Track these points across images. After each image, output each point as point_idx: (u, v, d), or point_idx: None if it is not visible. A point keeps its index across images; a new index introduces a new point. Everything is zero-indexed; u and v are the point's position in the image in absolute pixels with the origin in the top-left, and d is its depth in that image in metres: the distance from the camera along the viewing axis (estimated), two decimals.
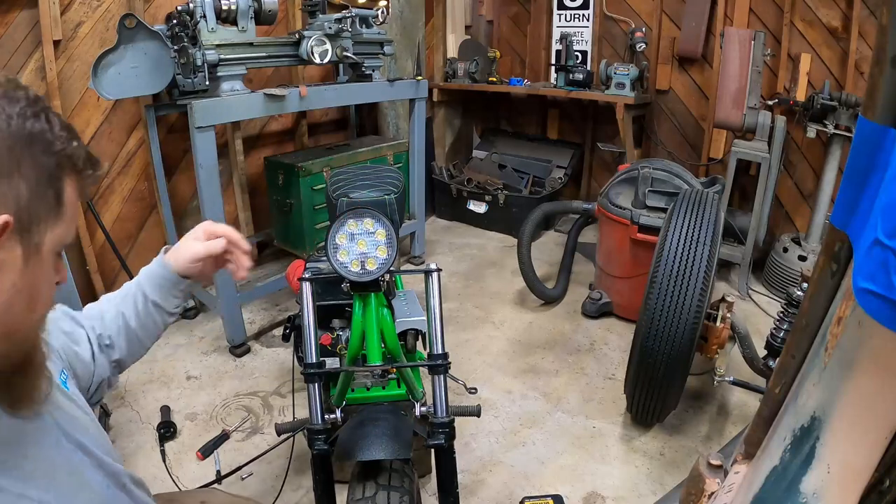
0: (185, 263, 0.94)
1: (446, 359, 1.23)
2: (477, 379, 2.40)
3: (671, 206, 2.08)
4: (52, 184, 0.58)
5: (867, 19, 2.99)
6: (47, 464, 0.67)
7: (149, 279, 0.96)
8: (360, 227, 1.19)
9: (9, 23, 2.25)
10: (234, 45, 2.28)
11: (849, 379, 0.60)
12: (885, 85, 0.53)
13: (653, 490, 1.83)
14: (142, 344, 0.98)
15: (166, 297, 0.96)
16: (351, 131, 3.86)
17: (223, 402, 2.24)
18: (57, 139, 0.58)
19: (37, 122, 0.56)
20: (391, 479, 1.14)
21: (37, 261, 0.58)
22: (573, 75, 3.84)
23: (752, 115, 3.02)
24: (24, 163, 0.55)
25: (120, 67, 2.20)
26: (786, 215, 3.51)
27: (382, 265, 1.18)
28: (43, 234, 0.58)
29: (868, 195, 0.54)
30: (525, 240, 2.93)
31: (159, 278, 0.95)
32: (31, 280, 0.58)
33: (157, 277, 0.95)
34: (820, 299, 0.69)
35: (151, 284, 0.95)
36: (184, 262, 0.94)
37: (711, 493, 0.93)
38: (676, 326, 1.80)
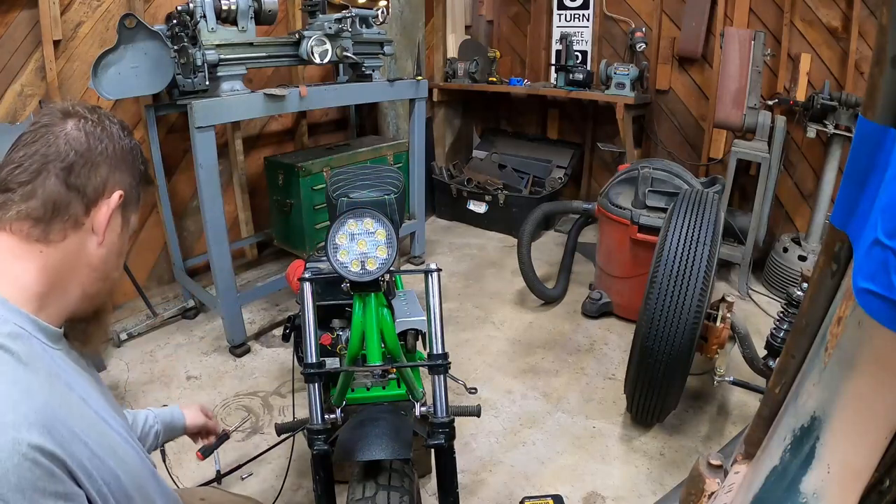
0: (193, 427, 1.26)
1: (446, 359, 1.23)
2: (477, 379, 2.40)
3: (671, 206, 2.08)
4: (140, 183, 0.83)
5: (867, 19, 2.99)
6: (107, 408, 0.82)
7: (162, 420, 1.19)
8: (360, 227, 1.19)
9: (9, 23, 2.25)
10: (234, 45, 2.28)
11: (849, 379, 0.60)
12: (885, 85, 0.53)
13: (653, 490, 1.83)
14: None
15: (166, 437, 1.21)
16: (351, 131, 3.86)
17: (223, 402, 2.24)
18: (143, 157, 0.84)
19: (131, 140, 0.82)
20: (391, 479, 1.14)
21: (125, 232, 0.83)
22: (573, 75, 3.84)
23: (752, 115, 3.02)
24: (129, 164, 0.80)
25: (120, 67, 2.20)
26: (786, 215, 3.51)
27: (382, 265, 1.18)
28: (131, 215, 0.83)
29: (868, 195, 0.54)
30: (525, 240, 2.93)
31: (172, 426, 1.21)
32: (122, 244, 0.83)
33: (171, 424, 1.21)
34: (820, 299, 0.69)
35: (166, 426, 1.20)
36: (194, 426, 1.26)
37: (711, 493, 0.93)
38: (676, 326, 1.80)
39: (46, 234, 0.72)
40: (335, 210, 1.61)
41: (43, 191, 0.71)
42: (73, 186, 0.73)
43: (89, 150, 0.75)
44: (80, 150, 0.74)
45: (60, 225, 0.72)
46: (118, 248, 0.81)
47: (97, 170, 0.75)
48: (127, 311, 2.79)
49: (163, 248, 2.93)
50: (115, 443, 0.76)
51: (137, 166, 0.82)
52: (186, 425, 1.24)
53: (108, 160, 0.77)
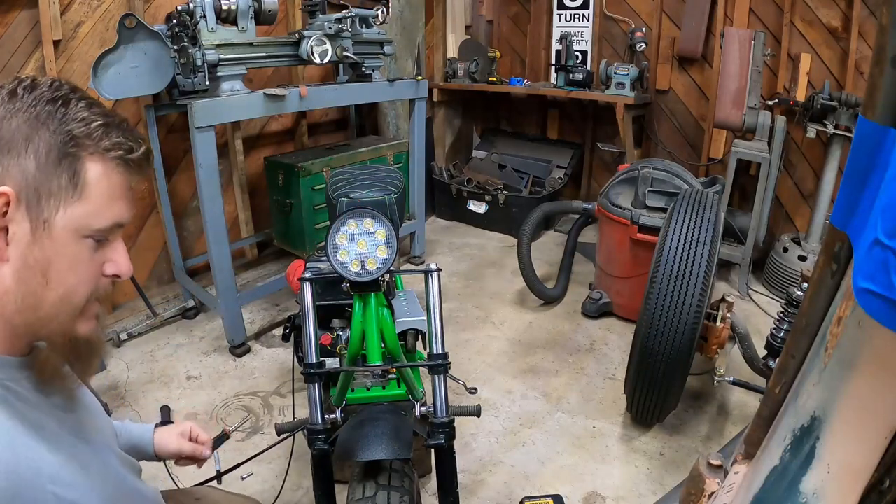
0: (165, 453, 1.07)
1: (446, 359, 1.23)
2: (477, 379, 2.40)
3: (671, 206, 2.08)
4: (63, 163, 0.60)
5: (867, 19, 2.99)
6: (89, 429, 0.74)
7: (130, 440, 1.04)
8: (360, 227, 1.19)
9: (9, 23, 2.25)
10: (234, 45, 2.28)
11: (849, 379, 0.60)
12: (885, 85, 0.53)
13: (653, 490, 1.83)
14: None
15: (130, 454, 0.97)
16: (351, 131, 3.86)
17: (223, 402, 2.24)
18: (73, 120, 0.60)
19: (52, 105, 0.60)
20: (391, 479, 1.14)
21: (46, 237, 0.60)
22: (573, 75, 3.84)
23: (752, 115, 3.02)
24: (34, 141, 0.59)
25: (120, 67, 2.20)
26: (786, 215, 3.51)
27: (382, 265, 1.18)
28: (53, 211, 0.60)
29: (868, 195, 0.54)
30: (525, 240, 2.93)
31: (138, 449, 1.04)
32: (42, 256, 0.60)
33: (138, 447, 1.04)
34: (820, 299, 0.69)
35: (129, 444, 1.02)
36: (166, 452, 1.07)
37: (711, 493, 0.93)
38: (676, 326, 1.80)
39: None
40: (335, 210, 1.61)
41: None
42: None
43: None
44: None
45: None
46: (38, 262, 0.60)
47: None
48: (127, 311, 2.78)
49: (163, 248, 2.93)
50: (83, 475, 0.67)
51: (56, 136, 0.60)
52: (155, 452, 1.07)
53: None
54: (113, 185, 0.64)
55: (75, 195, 0.61)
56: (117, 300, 2.81)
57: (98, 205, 0.63)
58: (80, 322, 0.66)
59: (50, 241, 0.60)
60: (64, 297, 0.63)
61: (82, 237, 0.63)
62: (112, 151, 0.63)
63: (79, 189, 0.61)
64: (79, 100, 0.62)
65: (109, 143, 0.63)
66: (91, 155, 0.62)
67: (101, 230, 0.64)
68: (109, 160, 0.63)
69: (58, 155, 0.60)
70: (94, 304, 0.67)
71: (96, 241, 0.64)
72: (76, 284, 0.63)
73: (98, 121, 0.62)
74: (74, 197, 0.61)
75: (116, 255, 0.68)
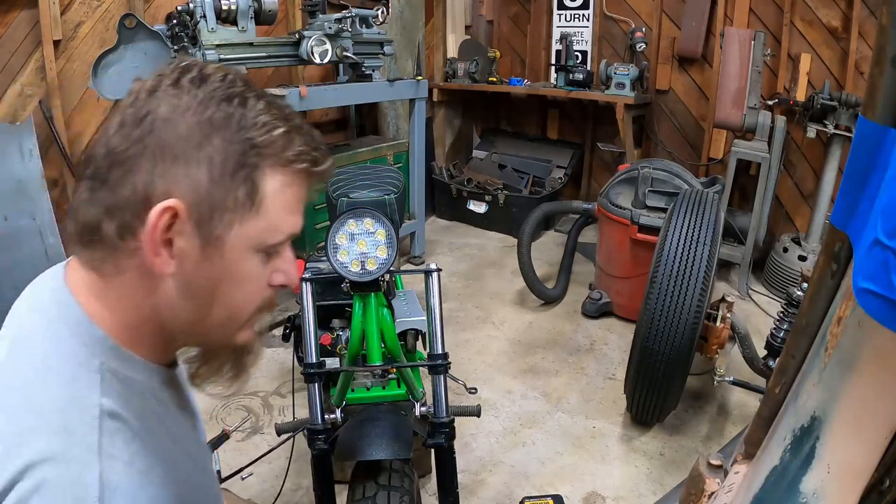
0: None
1: (446, 359, 1.23)
2: (477, 379, 2.40)
3: (671, 206, 2.08)
4: (240, 174, 0.52)
5: (867, 19, 2.99)
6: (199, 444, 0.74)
7: None
8: (360, 227, 1.19)
9: (9, 23, 2.25)
10: (234, 45, 2.28)
11: (849, 379, 0.60)
12: (885, 85, 0.53)
13: (653, 490, 1.83)
14: None
15: None
16: (351, 131, 3.86)
17: (223, 402, 2.24)
18: (253, 126, 0.53)
19: (228, 105, 0.52)
20: (391, 479, 1.14)
21: (217, 255, 0.54)
22: (573, 75, 3.84)
23: (752, 115, 3.02)
24: (206, 148, 0.51)
25: (120, 67, 2.20)
26: (786, 215, 3.51)
27: (382, 265, 1.18)
28: (227, 228, 0.53)
29: (868, 195, 0.54)
30: (525, 240, 2.93)
31: None
32: (212, 273, 0.54)
33: None
34: (820, 299, 0.69)
35: None
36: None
37: (711, 493, 0.93)
38: (676, 326, 1.80)
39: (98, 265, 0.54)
40: (335, 210, 1.60)
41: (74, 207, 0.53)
42: (97, 200, 0.51)
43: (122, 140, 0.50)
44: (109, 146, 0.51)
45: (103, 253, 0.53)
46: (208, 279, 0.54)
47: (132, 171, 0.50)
48: None
49: None
50: (202, 489, 0.66)
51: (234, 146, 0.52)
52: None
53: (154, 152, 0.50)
54: (291, 198, 0.57)
55: (252, 210, 0.54)
56: None
57: (274, 220, 0.56)
58: (241, 333, 0.62)
59: (221, 259, 0.54)
60: (231, 314, 0.58)
61: (254, 253, 0.56)
62: (295, 163, 0.56)
63: (256, 204, 0.54)
64: (257, 99, 0.54)
65: (293, 154, 0.55)
66: (272, 167, 0.54)
67: (275, 245, 0.57)
68: (291, 173, 0.56)
69: (234, 165, 0.52)
70: (257, 315, 0.62)
71: (267, 254, 0.58)
72: (244, 301, 0.59)
73: (280, 127, 0.54)
74: (251, 213, 0.54)
75: (285, 265, 0.61)
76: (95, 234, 0.52)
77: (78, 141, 2.52)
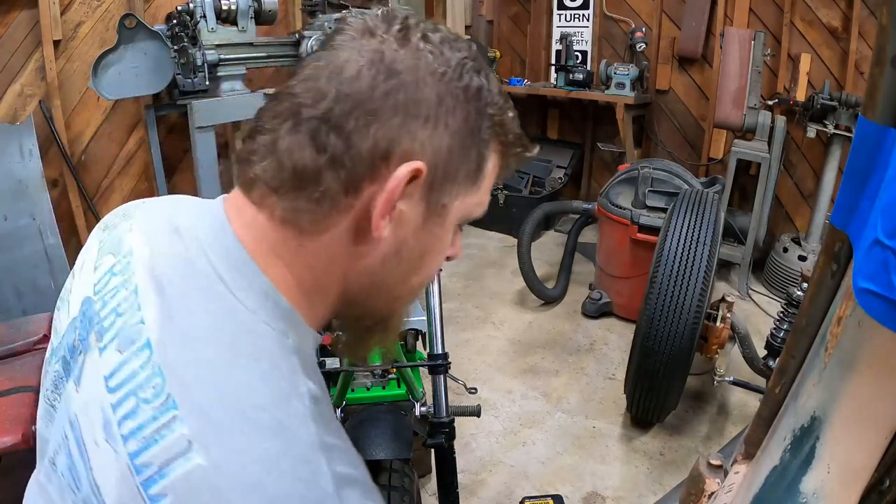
0: None
1: (446, 359, 1.23)
2: (477, 379, 2.40)
3: (671, 206, 2.08)
4: (477, 147, 0.52)
5: (867, 19, 2.99)
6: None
7: None
8: None
9: (9, 23, 2.25)
10: (234, 45, 2.28)
11: (849, 379, 0.60)
12: (885, 85, 0.53)
13: (653, 490, 1.83)
14: None
15: None
16: None
17: None
18: (492, 103, 0.52)
19: (476, 77, 0.51)
20: (391, 479, 1.14)
21: (437, 224, 0.52)
22: (573, 75, 3.84)
23: (752, 115, 3.02)
24: (453, 115, 0.49)
25: (120, 67, 2.21)
26: (786, 215, 3.51)
27: None
28: (453, 197, 0.52)
29: (868, 195, 0.54)
30: (525, 240, 2.93)
31: None
32: (424, 243, 0.53)
33: None
34: (820, 299, 0.69)
35: None
36: None
37: (711, 493, 0.93)
38: (676, 326, 1.80)
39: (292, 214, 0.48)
40: None
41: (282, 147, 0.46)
42: (324, 147, 0.46)
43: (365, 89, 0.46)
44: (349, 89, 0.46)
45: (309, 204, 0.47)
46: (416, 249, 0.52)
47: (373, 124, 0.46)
48: None
49: None
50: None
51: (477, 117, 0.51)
52: None
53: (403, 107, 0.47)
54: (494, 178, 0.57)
55: (474, 185, 0.53)
56: None
57: (484, 196, 0.56)
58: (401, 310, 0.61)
59: (440, 228, 0.53)
60: (422, 283, 0.58)
61: (458, 225, 0.56)
62: (513, 147, 0.56)
63: (479, 178, 0.54)
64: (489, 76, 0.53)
65: (514, 138, 0.56)
66: (497, 146, 0.54)
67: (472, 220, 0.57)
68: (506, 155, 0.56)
69: (475, 138, 0.51)
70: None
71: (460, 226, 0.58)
72: (434, 269, 0.58)
73: (510, 111, 0.55)
74: (473, 186, 0.53)
75: (459, 239, 0.60)
76: (310, 183, 0.46)
77: (78, 141, 2.52)
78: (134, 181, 2.78)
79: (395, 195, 0.47)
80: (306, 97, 0.46)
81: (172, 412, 0.40)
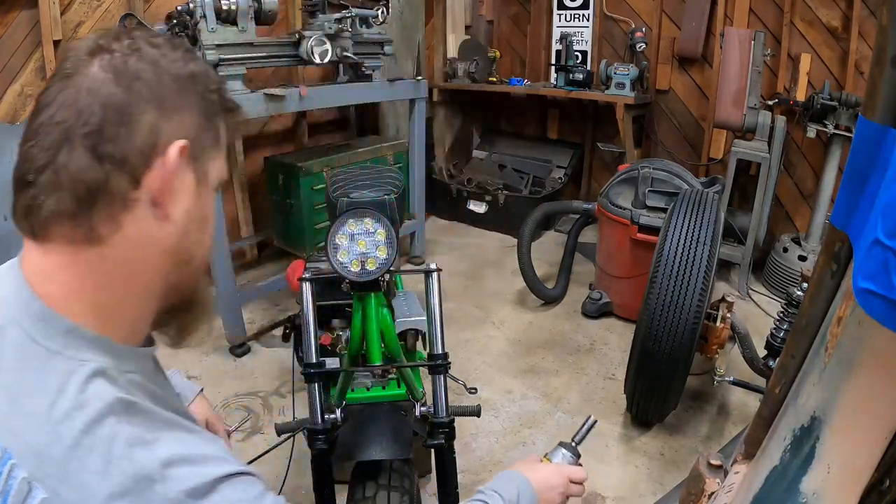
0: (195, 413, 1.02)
1: (446, 359, 1.22)
2: (477, 379, 2.40)
3: (671, 206, 2.08)
4: (213, 118, 0.62)
5: (867, 19, 2.99)
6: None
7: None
8: (360, 227, 1.19)
9: (9, 23, 2.25)
10: (234, 45, 2.28)
11: (849, 379, 0.60)
12: (885, 85, 0.53)
13: (653, 490, 1.83)
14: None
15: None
16: (351, 131, 3.86)
17: (223, 402, 2.24)
18: (213, 80, 0.63)
19: (195, 64, 0.61)
20: (391, 479, 1.14)
21: (205, 190, 0.62)
22: (573, 75, 3.84)
23: (752, 115, 3.02)
24: (190, 98, 0.59)
25: None
26: (786, 215, 3.51)
27: (382, 265, 1.18)
28: (209, 163, 0.62)
29: (868, 195, 0.54)
30: (525, 240, 2.93)
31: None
32: (202, 207, 0.61)
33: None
34: (820, 299, 0.69)
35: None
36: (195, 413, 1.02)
37: (711, 493, 0.93)
38: (676, 326, 1.80)
39: (93, 230, 0.53)
40: (335, 210, 1.60)
41: (67, 173, 0.51)
42: (107, 156, 0.52)
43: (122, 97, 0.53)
44: (108, 101, 0.52)
45: (105, 212, 0.53)
46: (199, 214, 0.61)
47: (138, 122, 0.53)
48: None
49: None
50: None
51: (206, 95, 0.60)
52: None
53: (154, 103, 0.55)
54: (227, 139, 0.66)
55: (219, 148, 0.63)
56: None
57: (225, 158, 0.65)
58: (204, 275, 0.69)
59: (207, 191, 0.62)
60: (209, 247, 0.66)
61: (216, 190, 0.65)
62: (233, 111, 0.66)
63: (220, 141, 0.63)
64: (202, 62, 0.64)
65: (231, 104, 0.65)
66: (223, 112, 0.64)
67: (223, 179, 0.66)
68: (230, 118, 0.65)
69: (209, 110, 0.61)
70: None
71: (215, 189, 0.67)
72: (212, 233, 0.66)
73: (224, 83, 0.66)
74: (218, 150, 0.63)
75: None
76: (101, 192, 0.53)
77: None
78: None
79: (173, 174, 0.56)
80: (72, 120, 0.52)
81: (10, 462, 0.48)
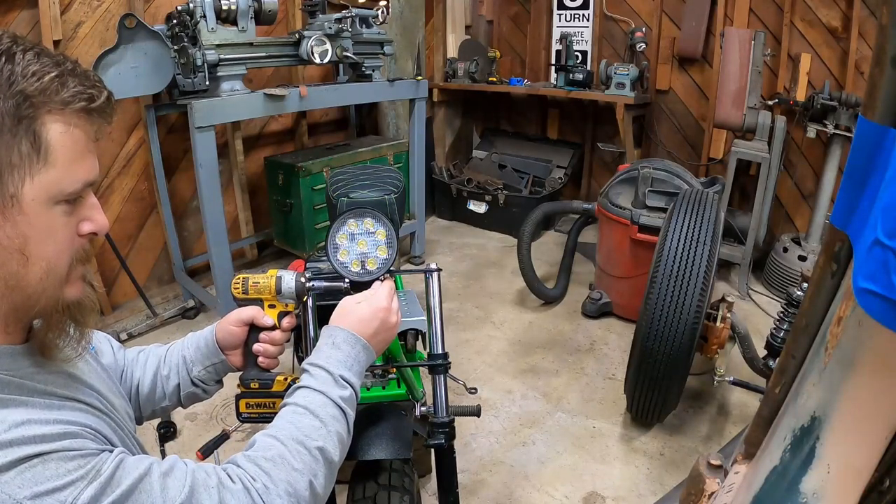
0: (227, 325, 0.97)
1: (446, 359, 1.22)
2: (477, 379, 2.40)
3: (671, 206, 2.08)
4: (20, 128, 0.53)
5: (867, 19, 2.99)
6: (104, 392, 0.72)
7: (192, 339, 1.00)
8: (361, 227, 1.19)
9: (9, 23, 2.25)
10: (234, 45, 2.28)
11: (849, 379, 0.60)
12: (885, 85, 0.53)
13: (653, 490, 1.83)
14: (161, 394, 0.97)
15: (200, 361, 0.98)
16: (351, 131, 3.86)
17: (223, 402, 2.24)
18: (24, 78, 0.53)
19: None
20: (391, 479, 1.14)
21: (18, 212, 0.55)
22: (573, 75, 3.84)
23: (752, 115, 3.02)
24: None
25: (120, 67, 2.21)
26: (786, 215, 3.51)
27: (383, 265, 1.18)
28: (19, 183, 0.54)
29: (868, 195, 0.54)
30: (525, 240, 2.93)
31: (201, 339, 0.99)
32: (17, 233, 0.55)
33: (200, 338, 0.99)
34: (820, 299, 0.69)
35: (193, 344, 0.99)
36: (226, 322, 0.97)
37: (711, 493, 0.93)
38: (676, 326, 1.80)
39: None
40: (335, 210, 1.60)
41: None
42: None
43: None
44: None
45: None
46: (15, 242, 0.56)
47: None
48: (127, 311, 2.78)
49: (163, 249, 2.93)
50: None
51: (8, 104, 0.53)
52: (217, 340, 0.97)
53: None
54: (77, 141, 0.58)
55: (40, 161, 0.55)
56: (117, 300, 2.81)
57: (66, 167, 0.57)
58: (67, 289, 0.63)
59: (22, 216, 0.55)
60: (48, 270, 0.59)
61: (55, 204, 0.58)
62: (72, 104, 0.57)
63: (42, 153, 0.55)
64: (24, 51, 0.55)
65: (68, 95, 0.56)
66: (50, 112, 0.55)
67: (74, 193, 0.59)
68: (70, 114, 0.57)
69: (12, 121, 0.53)
70: (77, 267, 0.63)
71: (69, 203, 0.59)
72: (56, 254, 0.59)
73: (51, 72, 0.55)
74: (39, 163, 0.55)
75: (91, 212, 0.63)
76: None
77: None
78: (134, 181, 2.78)
79: None
80: None
81: None
